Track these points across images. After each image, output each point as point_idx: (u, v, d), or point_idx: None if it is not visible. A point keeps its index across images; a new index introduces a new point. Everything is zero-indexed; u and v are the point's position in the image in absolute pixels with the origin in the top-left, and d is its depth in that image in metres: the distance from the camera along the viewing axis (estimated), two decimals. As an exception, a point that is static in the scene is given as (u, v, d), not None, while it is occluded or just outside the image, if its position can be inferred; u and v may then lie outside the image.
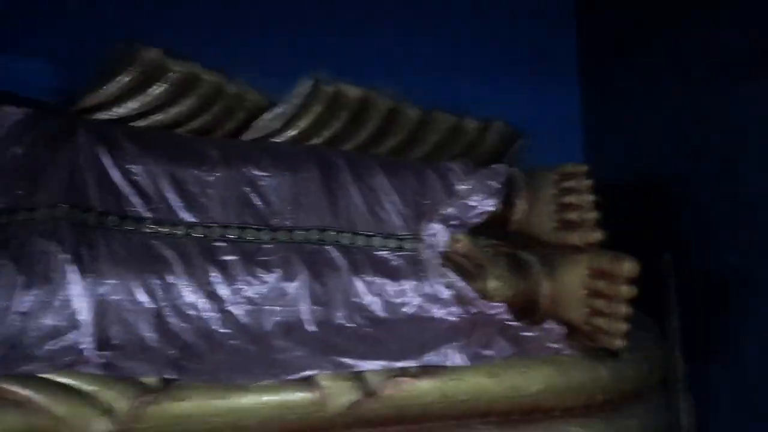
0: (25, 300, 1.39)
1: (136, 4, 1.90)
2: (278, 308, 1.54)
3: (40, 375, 1.31)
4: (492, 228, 1.73)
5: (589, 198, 1.58)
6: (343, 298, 1.57)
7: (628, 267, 1.40)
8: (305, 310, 1.54)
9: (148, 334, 1.44)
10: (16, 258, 1.42)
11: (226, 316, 1.50)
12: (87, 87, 1.79)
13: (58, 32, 1.83)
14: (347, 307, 1.57)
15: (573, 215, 1.60)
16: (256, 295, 1.53)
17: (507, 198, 1.78)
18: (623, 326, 1.43)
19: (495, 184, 1.76)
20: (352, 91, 1.97)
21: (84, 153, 1.61)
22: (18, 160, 1.57)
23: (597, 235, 1.54)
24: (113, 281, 1.46)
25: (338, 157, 1.79)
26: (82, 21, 1.85)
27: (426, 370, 1.42)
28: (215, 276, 1.53)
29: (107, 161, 1.62)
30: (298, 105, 1.94)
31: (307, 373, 1.38)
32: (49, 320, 1.40)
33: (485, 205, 1.74)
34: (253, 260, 1.58)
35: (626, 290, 1.41)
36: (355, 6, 2.10)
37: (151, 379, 1.34)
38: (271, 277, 1.55)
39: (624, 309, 1.42)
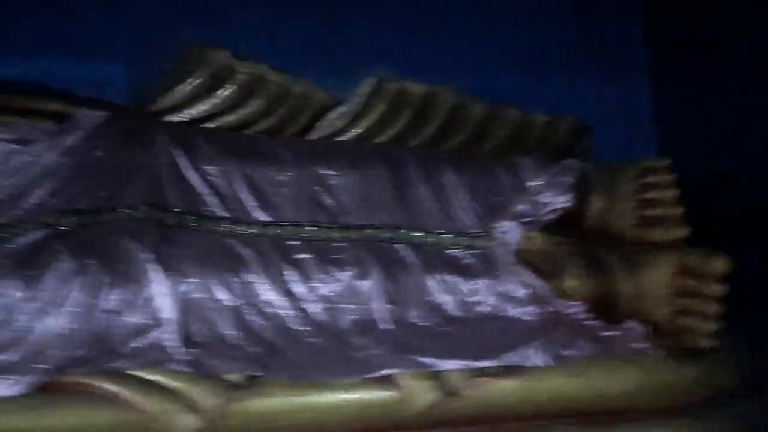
0: (111, 298, 1.42)
1: (203, 7, 1.93)
2: (353, 306, 1.54)
3: (129, 372, 1.34)
4: (566, 225, 1.70)
5: (673, 193, 1.53)
6: (417, 296, 1.56)
7: (721, 264, 1.36)
8: (379, 308, 1.54)
9: (230, 331, 1.46)
10: (101, 257, 1.45)
11: (303, 314, 1.51)
12: (159, 89, 1.83)
13: (132, 36, 1.87)
14: (421, 305, 1.56)
15: (655, 211, 1.55)
16: (331, 293, 1.54)
17: (581, 194, 1.74)
18: (713, 325, 1.38)
19: (568, 180, 1.73)
20: (416, 88, 1.97)
21: (162, 154, 1.65)
22: (99, 162, 1.61)
23: (682, 232, 1.49)
24: (194, 280, 1.48)
25: (407, 154, 1.79)
26: (154, 24, 1.88)
27: (506, 370, 1.40)
28: (291, 274, 1.54)
29: (184, 162, 1.65)
30: (363, 103, 1.94)
31: (386, 371, 1.38)
32: (134, 318, 1.42)
33: (558, 201, 1.71)
34: (326, 259, 1.58)
35: (717, 289, 1.36)
36: (416, 5, 2.09)
37: (235, 376, 1.36)
38: (344, 276, 1.55)
39: (714, 308, 1.37)
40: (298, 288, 1.53)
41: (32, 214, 1.51)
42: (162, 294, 1.44)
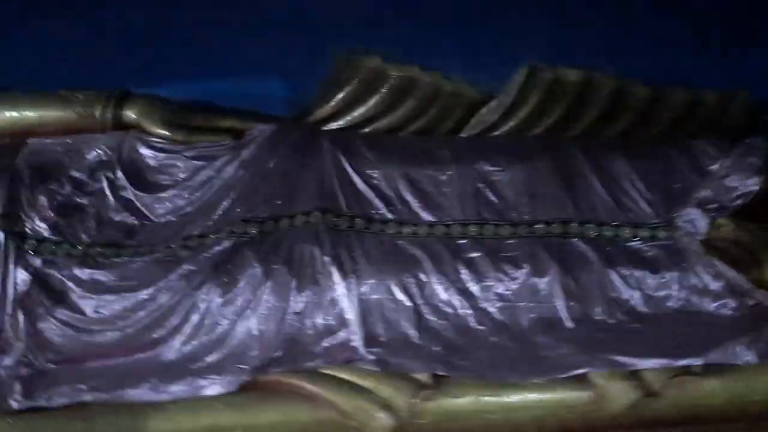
0: (299, 300, 1.49)
1: (355, 16, 1.98)
2: (532, 305, 1.50)
3: (325, 371, 1.40)
4: (759, 210, 1.56)
5: None
6: (600, 292, 1.50)
7: None
8: (561, 306, 1.49)
9: (410, 331, 1.48)
10: (286, 262, 1.53)
11: (481, 314, 1.50)
12: (316, 99, 1.90)
13: (289, 51, 1.96)
14: (605, 302, 1.49)
15: None
16: (508, 292, 1.51)
17: (771, 176, 1.59)
18: None
19: (756, 161, 1.59)
20: (572, 75, 1.89)
21: (327, 161, 1.70)
22: (273, 173, 1.69)
23: None
24: (372, 281, 1.51)
25: (571, 144, 1.73)
26: (309, 38, 1.96)
27: (711, 369, 1.31)
28: (465, 273, 1.53)
29: (349, 167, 1.70)
30: (515, 95, 1.89)
31: (579, 371, 1.34)
32: (320, 319, 1.48)
33: (747, 185, 1.57)
34: (499, 256, 1.56)
35: None
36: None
37: (423, 376, 1.38)
38: (520, 273, 1.52)
39: None
40: (474, 287, 1.52)
41: (220, 224, 1.62)
42: (344, 295, 1.49)
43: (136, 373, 1.43)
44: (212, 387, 1.40)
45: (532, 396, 1.34)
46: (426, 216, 1.64)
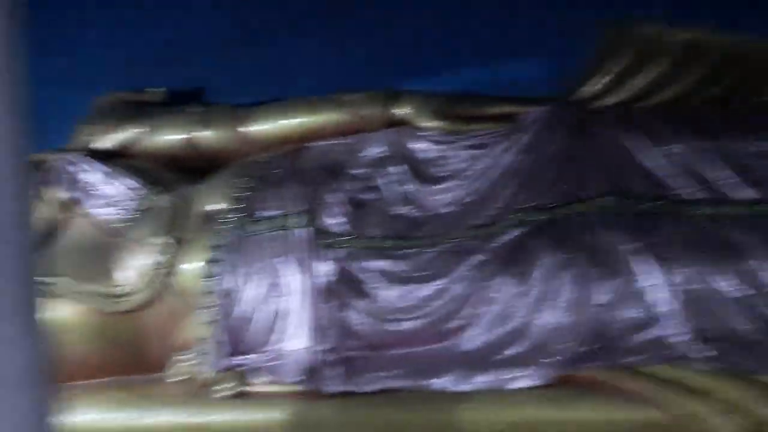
0: (602, 292, 1.38)
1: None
2: None
3: (647, 369, 1.28)
4: None
5: None
6: None
7: None
8: None
9: (745, 326, 1.30)
10: (582, 251, 1.43)
11: None
12: (586, 75, 1.77)
13: (549, 27, 1.86)
14: None
15: None
16: None
17: None
18: None
19: None
20: None
21: (612, 141, 1.58)
22: (553, 157, 1.60)
23: None
24: (687, 270, 1.36)
25: None
26: (569, 11, 1.84)
27: None
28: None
29: (638, 146, 1.55)
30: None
31: None
32: (629, 312, 1.36)
33: None
34: None
35: None
36: None
37: (768, 377, 1.19)
38: None
39: None
40: None
41: (506, 212, 1.57)
42: (656, 286, 1.36)
43: (438, 362, 1.44)
44: (519, 380, 1.36)
45: None
46: (745, 193, 1.43)
